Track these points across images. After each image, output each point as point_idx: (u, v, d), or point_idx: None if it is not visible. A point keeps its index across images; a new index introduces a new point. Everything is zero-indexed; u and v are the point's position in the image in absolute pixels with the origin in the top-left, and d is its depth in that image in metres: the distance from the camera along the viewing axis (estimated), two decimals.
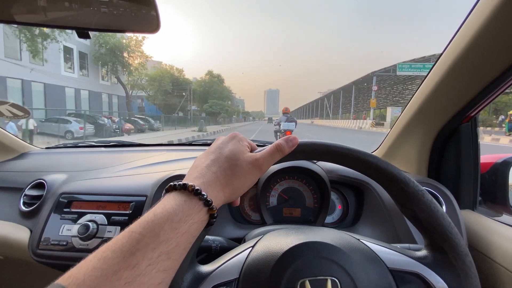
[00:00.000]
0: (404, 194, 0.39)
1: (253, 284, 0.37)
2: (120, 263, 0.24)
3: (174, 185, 0.32)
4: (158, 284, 0.26)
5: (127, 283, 0.23)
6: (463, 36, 0.54)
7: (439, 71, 0.63)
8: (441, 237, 0.38)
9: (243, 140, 0.39)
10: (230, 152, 0.36)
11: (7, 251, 0.81)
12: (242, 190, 0.37)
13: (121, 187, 0.78)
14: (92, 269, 0.23)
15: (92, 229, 0.68)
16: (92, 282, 0.22)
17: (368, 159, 0.39)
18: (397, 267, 0.39)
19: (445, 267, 0.38)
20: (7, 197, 0.87)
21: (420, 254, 0.40)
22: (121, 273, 0.23)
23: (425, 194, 0.38)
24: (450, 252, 0.37)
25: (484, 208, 0.77)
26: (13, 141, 1.10)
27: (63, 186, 0.81)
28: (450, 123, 0.69)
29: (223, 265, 0.40)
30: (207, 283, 0.38)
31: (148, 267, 0.25)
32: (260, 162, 0.37)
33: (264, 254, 0.39)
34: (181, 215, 0.29)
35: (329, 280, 0.35)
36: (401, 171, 0.39)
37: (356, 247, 0.40)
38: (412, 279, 0.38)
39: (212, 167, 0.35)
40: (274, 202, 0.80)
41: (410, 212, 0.39)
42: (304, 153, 0.42)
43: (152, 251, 0.26)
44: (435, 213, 0.38)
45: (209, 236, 0.52)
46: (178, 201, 0.30)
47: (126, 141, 1.34)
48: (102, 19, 0.49)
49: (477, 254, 0.64)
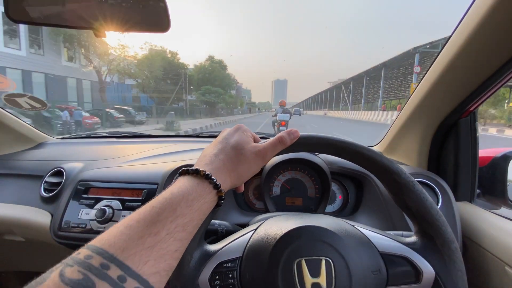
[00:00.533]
0: (396, 185, 0.42)
1: (255, 262, 0.41)
2: (143, 230, 0.28)
3: (187, 170, 0.36)
4: (174, 251, 0.30)
5: (150, 247, 0.27)
6: (463, 31, 0.55)
7: (439, 66, 0.64)
8: (429, 225, 0.41)
9: (247, 131, 0.43)
10: (235, 142, 0.40)
11: (29, 233, 0.87)
12: (247, 177, 0.41)
13: (134, 176, 0.83)
14: (121, 234, 0.27)
15: (108, 213, 0.73)
16: (121, 244, 0.26)
17: (363, 152, 0.42)
18: (387, 251, 0.42)
19: (432, 252, 0.41)
20: (28, 184, 0.94)
21: (409, 240, 0.43)
22: (145, 238, 0.27)
23: (415, 185, 0.41)
24: (437, 238, 0.40)
25: (483, 201, 0.79)
26: (32, 132, 1.16)
27: (80, 174, 0.86)
28: (449, 117, 0.71)
29: (228, 244, 0.44)
30: (213, 260, 0.42)
31: (167, 236, 0.29)
32: (263, 152, 0.41)
33: (265, 236, 0.43)
34: (195, 195, 0.33)
35: (323, 260, 0.39)
36: (394, 163, 0.42)
37: (350, 232, 0.43)
38: (401, 262, 0.41)
39: (219, 155, 0.39)
40: (277, 191, 0.84)
41: (401, 201, 0.42)
42: (304, 145, 0.45)
43: (170, 223, 0.30)
44: (424, 202, 0.40)
45: (216, 220, 0.57)
46: (191, 183, 0.34)
47: (136, 132, 1.39)
48: (117, 18, 0.52)
49: (472, 245, 0.66)
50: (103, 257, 0.25)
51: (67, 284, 0.22)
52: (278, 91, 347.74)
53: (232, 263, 0.42)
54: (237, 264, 0.42)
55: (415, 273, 0.41)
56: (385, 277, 0.41)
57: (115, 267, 0.25)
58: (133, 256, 0.26)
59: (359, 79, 50.14)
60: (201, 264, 0.42)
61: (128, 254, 0.26)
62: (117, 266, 0.25)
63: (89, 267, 0.24)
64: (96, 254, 0.25)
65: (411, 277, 0.41)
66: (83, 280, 0.23)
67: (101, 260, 0.25)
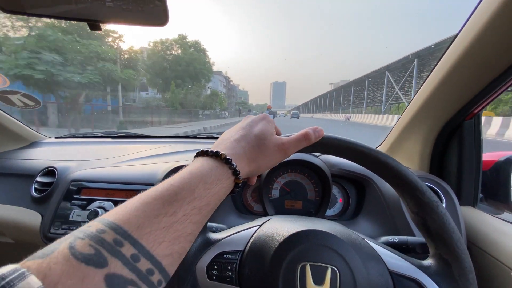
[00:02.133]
0: (418, 203, 0.38)
1: (256, 259, 0.39)
2: (160, 209, 0.26)
3: (207, 151, 0.35)
4: (188, 234, 0.28)
5: (165, 227, 0.26)
6: (467, 33, 0.54)
7: (443, 67, 0.63)
8: (448, 250, 0.38)
9: (272, 122, 0.41)
10: (259, 131, 0.38)
11: (19, 235, 0.84)
12: (265, 168, 0.39)
13: (129, 176, 0.80)
14: (136, 210, 0.26)
15: (101, 215, 0.70)
16: (136, 221, 0.25)
17: (388, 162, 0.39)
18: (398, 271, 0.39)
19: (446, 280, 0.38)
20: (19, 184, 0.91)
21: (424, 263, 0.41)
22: (160, 218, 0.26)
23: (439, 206, 0.38)
24: (454, 266, 0.37)
25: (486, 205, 0.78)
26: (24, 130, 1.13)
27: (73, 174, 0.83)
28: (453, 120, 0.70)
29: (231, 236, 0.42)
30: (214, 248, 0.40)
31: (183, 217, 0.28)
32: (286, 146, 0.39)
33: (271, 234, 0.41)
34: (213, 178, 0.32)
35: (329, 268, 0.37)
36: (419, 180, 0.39)
37: (361, 244, 0.41)
38: (411, 285, 0.38)
39: (241, 141, 0.37)
40: (276, 194, 0.82)
41: (421, 220, 0.39)
42: (328, 146, 0.42)
43: (188, 204, 0.28)
44: (446, 226, 0.37)
45: (213, 224, 0.54)
46: (211, 165, 0.33)
47: (132, 133, 1.37)
48: (112, 11, 0.50)
49: (476, 250, 0.65)
50: (116, 233, 0.23)
51: (77, 258, 0.20)
52: (277, 93, 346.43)
53: (233, 255, 0.40)
54: (238, 257, 0.40)
55: None
56: None
57: (128, 244, 0.23)
58: (148, 235, 0.25)
59: (359, 84, 46.96)
60: (201, 251, 0.40)
61: (143, 232, 0.24)
62: (131, 244, 0.23)
63: (102, 242, 0.22)
64: (109, 228, 0.23)
65: None
66: (94, 256, 0.21)
67: (114, 236, 0.23)
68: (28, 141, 1.15)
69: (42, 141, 1.18)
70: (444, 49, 0.62)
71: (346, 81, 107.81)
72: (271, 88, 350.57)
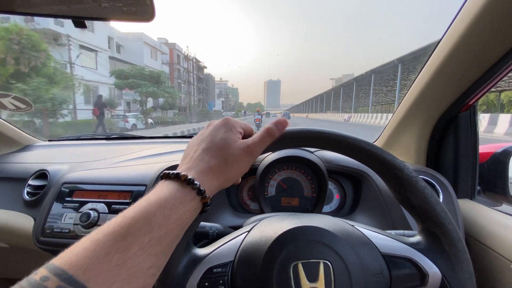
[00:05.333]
0: (398, 181, 0.39)
1: (248, 266, 0.38)
2: (111, 246, 0.25)
3: (168, 174, 0.33)
4: (149, 267, 0.26)
5: (117, 265, 0.24)
6: (460, 23, 0.54)
7: (436, 59, 0.62)
8: (434, 223, 0.38)
9: (235, 126, 0.39)
10: (222, 141, 0.36)
11: (12, 239, 0.83)
12: (236, 177, 0.37)
13: (121, 177, 0.79)
14: (84, 250, 0.24)
15: (93, 217, 0.69)
16: (83, 262, 0.23)
17: (362, 146, 0.39)
18: (389, 252, 0.39)
19: (438, 253, 0.38)
20: (11, 188, 0.89)
21: (413, 240, 0.41)
22: (112, 255, 0.24)
23: (419, 181, 0.38)
24: (443, 237, 0.38)
25: (483, 198, 0.77)
26: (17, 134, 1.12)
27: (65, 176, 0.82)
28: (448, 112, 0.69)
29: (219, 248, 0.41)
30: (202, 265, 0.39)
31: (139, 251, 0.26)
32: (252, 148, 0.37)
33: (259, 238, 0.40)
34: (174, 203, 0.30)
35: (321, 263, 0.36)
36: (396, 158, 0.39)
37: (350, 232, 0.40)
38: (405, 264, 0.38)
39: (205, 156, 0.35)
40: (272, 191, 0.81)
41: (404, 198, 0.39)
42: (297, 140, 0.42)
43: (144, 236, 0.26)
44: (428, 199, 0.37)
45: (206, 223, 0.53)
46: (171, 189, 0.31)
47: (126, 134, 1.36)
48: (98, 8, 0.49)
49: (474, 243, 0.64)
50: (60, 279, 0.22)
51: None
52: (271, 92, 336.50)
53: (222, 268, 0.39)
54: (228, 269, 0.39)
55: (420, 276, 0.38)
56: (388, 280, 0.38)
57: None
58: (96, 276, 0.23)
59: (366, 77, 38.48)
60: (189, 270, 0.39)
61: (91, 274, 0.23)
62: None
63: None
64: (54, 275, 0.22)
65: (415, 279, 0.38)
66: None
67: (57, 283, 0.21)
68: (21, 145, 1.13)
69: (35, 144, 1.17)
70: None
71: (350, 75, 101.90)
72: (265, 87, 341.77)
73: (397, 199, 0.41)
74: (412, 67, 29.50)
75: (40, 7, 0.54)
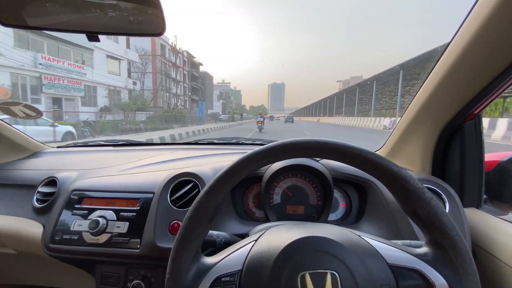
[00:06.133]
0: (404, 192, 0.39)
1: (256, 276, 0.39)
2: None
3: None
4: None
5: None
6: (466, 33, 0.54)
7: (442, 68, 0.63)
8: (441, 234, 0.38)
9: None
10: None
11: (21, 245, 0.84)
12: None
13: (130, 185, 0.80)
14: None
15: (102, 224, 0.70)
16: None
17: (368, 156, 0.40)
18: (397, 263, 0.39)
19: (444, 264, 0.38)
20: (21, 194, 0.91)
21: (420, 251, 0.41)
22: None
23: (425, 192, 0.38)
24: (450, 249, 0.38)
25: (489, 207, 0.77)
26: (26, 141, 1.14)
27: (74, 183, 0.84)
28: (453, 121, 0.69)
29: (226, 257, 0.41)
30: (211, 274, 0.39)
31: None
32: None
33: (267, 248, 0.41)
34: None
35: (328, 273, 0.36)
36: (402, 169, 0.40)
37: (357, 243, 0.41)
38: (412, 275, 0.39)
39: None
40: (278, 199, 0.81)
41: (410, 209, 0.40)
42: (303, 150, 0.42)
43: None
44: (435, 210, 0.38)
45: (213, 231, 0.54)
46: None
47: (134, 140, 1.37)
48: (110, 22, 0.51)
49: (481, 252, 0.64)
50: None
51: None
52: (275, 96, 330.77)
53: (231, 277, 0.39)
54: (236, 278, 0.39)
55: (426, 287, 0.38)
56: None
57: None
58: None
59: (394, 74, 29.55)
60: (197, 279, 0.39)
61: None
62: None
63: None
64: None
65: None
66: None
67: None
68: (30, 151, 1.15)
69: (44, 151, 1.19)
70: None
71: (358, 77, 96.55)
72: (269, 90, 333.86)
73: (404, 210, 0.42)
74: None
75: (53, 22, 0.56)
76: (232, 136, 1.37)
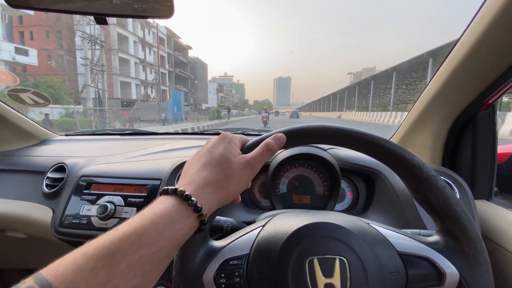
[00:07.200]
0: (417, 179, 0.38)
1: (263, 260, 0.39)
2: (98, 261, 0.24)
3: (167, 189, 0.32)
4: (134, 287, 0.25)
5: (102, 283, 0.23)
6: (481, 20, 0.52)
7: (456, 56, 0.61)
8: (453, 223, 0.37)
9: (233, 141, 0.39)
10: (220, 156, 0.36)
11: (31, 230, 0.86)
12: (236, 193, 0.37)
13: (137, 171, 0.81)
14: (73, 263, 0.23)
15: (110, 209, 0.71)
16: (69, 275, 0.22)
17: (381, 143, 0.39)
18: (406, 251, 0.39)
19: (456, 253, 0.38)
20: (30, 180, 0.92)
21: (431, 240, 0.40)
22: (98, 271, 0.23)
23: (438, 180, 0.37)
24: (462, 238, 0.37)
25: (500, 199, 0.75)
26: (35, 128, 1.16)
27: (82, 169, 0.85)
28: (466, 111, 0.67)
29: (234, 241, 0.41)
30: (219, 257, 0.39)
31: (126, 269, 0.25)
32: (252, 163, 0.37)
33: (274, 232, 0.41)
34: (168, 219, 0.29)
35: (337, 259, 0.36)
36: (415, 156, 0.38)
37: (366, 230, 0.40)
38: (422, 263, 0.38)
39: (203, 171, 0.35)
40: (284, 189, 0.81)
41: (423, 197, 0.39)
42: (316, 137, 0.41)
43: (133, 253, 0.25)
44: (448, 198, 0.37)
45: (221, 217, 0.54)
46: (166, 205, 0.30)
47: (140, 130, 1.38)
48: (119, 4, 0.50)
49: (491, 244, 0.63)
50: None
51: None
52: (281, 90, 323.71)
53: (238, 261, 0.39)
54: (244, 262, 0.39)
55: (437, 275, 0.38)
56: (404, 279, 0.38)
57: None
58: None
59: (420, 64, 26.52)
60: (205, 261, 0.39)
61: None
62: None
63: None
64: (39, 286, 0.21)
65: (433, 279, 0.38)
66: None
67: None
68: (39, 139, 1.17)
69: (52, 138, 1.20)
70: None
71: (371, 69, 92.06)
72: (274, 85, 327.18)
73: (415, 198, 0.41)
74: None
75: (59, 3, 0.56)
76: (236, 127, 1.37)
